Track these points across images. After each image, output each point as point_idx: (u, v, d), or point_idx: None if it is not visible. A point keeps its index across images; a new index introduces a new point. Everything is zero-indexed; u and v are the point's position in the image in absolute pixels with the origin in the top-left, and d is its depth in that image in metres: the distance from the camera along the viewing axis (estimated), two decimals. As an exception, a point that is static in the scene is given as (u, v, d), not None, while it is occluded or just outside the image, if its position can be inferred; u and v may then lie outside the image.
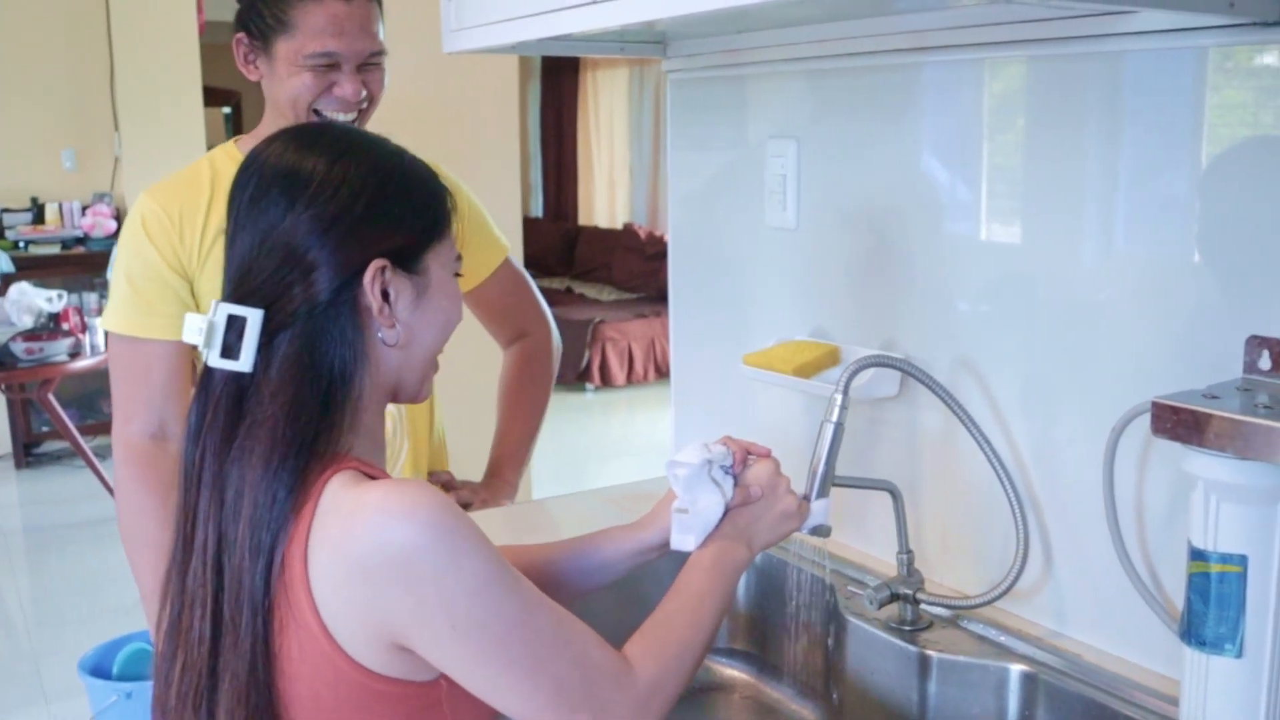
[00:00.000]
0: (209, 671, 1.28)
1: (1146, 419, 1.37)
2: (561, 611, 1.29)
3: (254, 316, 1.28)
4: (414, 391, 1.42)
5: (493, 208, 2.62)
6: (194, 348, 2.10)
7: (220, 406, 1.30)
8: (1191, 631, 1.36)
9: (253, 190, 1.32)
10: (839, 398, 1.71)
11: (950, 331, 1.88)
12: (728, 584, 1.49)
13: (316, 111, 2.10)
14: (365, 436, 1.35)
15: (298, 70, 2.07)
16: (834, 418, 1.70)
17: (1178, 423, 1.33)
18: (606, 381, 10.11)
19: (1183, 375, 1.52)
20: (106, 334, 2.16)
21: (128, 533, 2.12)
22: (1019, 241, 1.76)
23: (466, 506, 2.50)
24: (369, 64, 2.11)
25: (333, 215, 1.30)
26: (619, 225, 12.36)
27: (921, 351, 1.91)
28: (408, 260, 1.35)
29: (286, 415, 1.26)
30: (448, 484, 2.53)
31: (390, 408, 2.09)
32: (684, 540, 1.54)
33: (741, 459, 1.58)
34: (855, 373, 1.72)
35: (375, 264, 1.31)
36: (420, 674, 1.26)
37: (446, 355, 1.45)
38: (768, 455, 1.61)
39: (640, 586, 1.85)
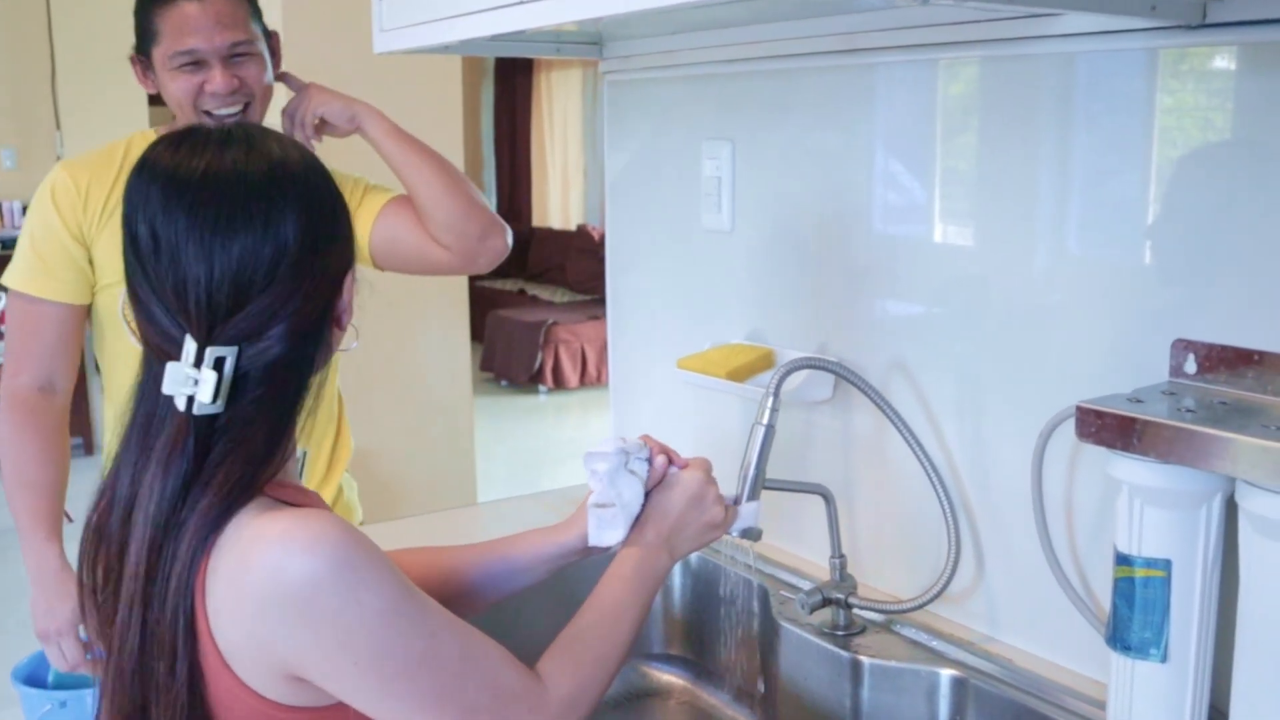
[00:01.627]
0: (140, 706, 1.24)
1: (1073, 423, 1.37)
2: (471, 635, 1.25)
3: (231, 355, 1.20)
4: None
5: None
6: (87, 310, 2.24)
7: (180, 447, 1.21)
8: (1117, 636, 1.36)
9: (209, 212, 1.19)
10: (770, 400, 1.70)
11: (887, 335, 1.87)
12: (647, 593, 1.47)
13: (207, 113, 2.16)
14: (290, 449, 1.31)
15: (172, 74, 2.14)
16: (764, 420, 1.69)
17: (1102, 427, 1.33)
18: (559, 384, 10.11)
19: (1113, 379, 1.52)
20: (5, 291, 2.27)
21: (8, 474, 2.23)
22: (971, 244, 1.76)
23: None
24: (238, 55, 2.15)
25: (316, 235, 1.23)
26: (573, 227, 12.35)
27: (857, 355, 1.90)
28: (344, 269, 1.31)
29: (249, 456, 1.21)
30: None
31: None
32: (607, 535, 1.52)
33: (659, 450, 1.55)
34: (786, 375, 1.71)
35: (350, 277, 1.29)
36: (321, 699, 1.23)
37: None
38: (686, 465, 1.57)
39: (571, 588, 1.83)
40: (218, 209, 1.19)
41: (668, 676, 2.17)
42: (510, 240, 2.32)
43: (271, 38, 2.26)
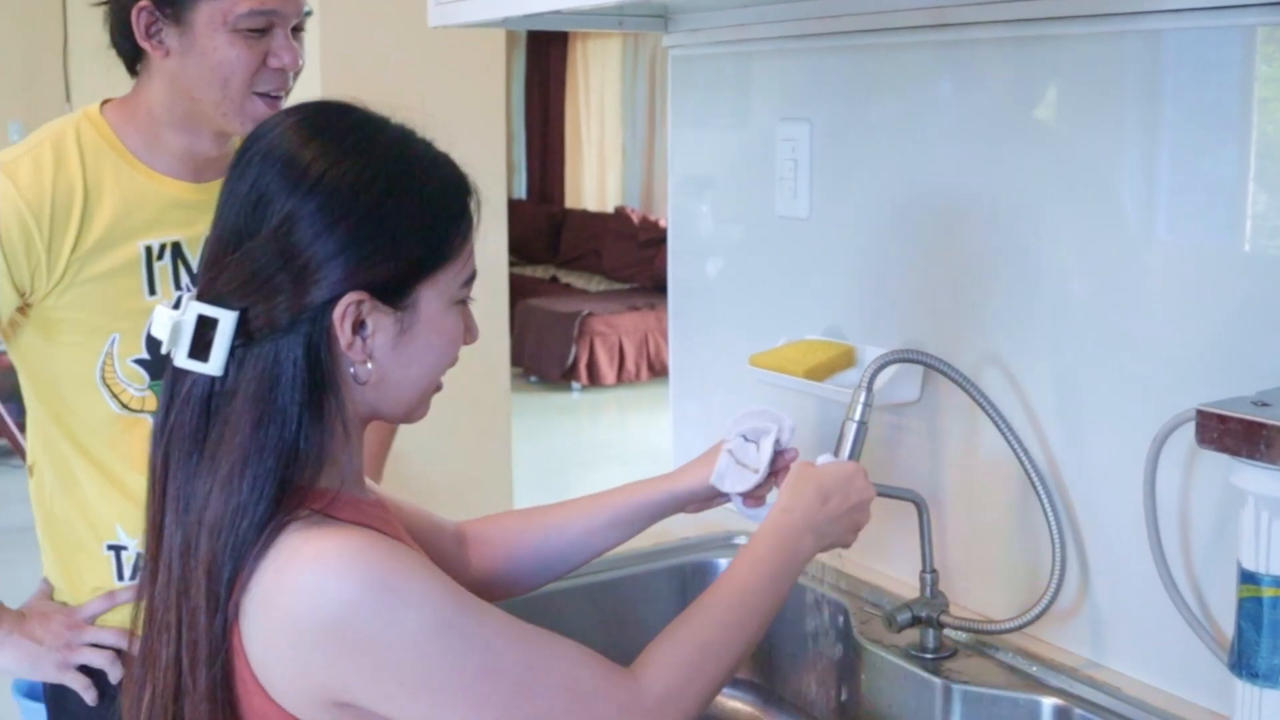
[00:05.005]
0: (174, 704, 1.27)
1: (1191, 428, 1.36)
2: (537, 639, 1.26)
3: (227, 319, 1.24)
4: (401, 417, 1.39)
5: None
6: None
7: (188, 408, 1.27)
8: (1243, 662, 1.35)
9: (254, 177, 1.27)
10: (862, 394, 1.70)
11: (976, 330, 1.88)
12: (783, 579, 1.44)
13: (261, 95, 1.91)
14: (348, 466, 1.33)
15: (232, 37, 1.85)
16: (857, 416, 1.70)
17: (1225, 432, 1.32)
18: (595, 380, 10.06)
19: (1231, 379, 1.52)
20: None
21: None
22: (1061, 230, 1.76)
23: None
24: (298, 29, 1.94)
25: (330, 223, 1.25)
26: (610, 209, 12.30)
27: (945, 352, 1.90)
28: (393, 293, 1.29)
29: (253, 433, 1.23)
30: None
31: None
32: (736, 481, 1.55)
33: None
34: (880, 368, 1.72)
35: (350, 298, 1.25)
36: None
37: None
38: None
39: (615, 601, 1.85)
40: (259, 170, 1.28)
41: (733, 703, 2.17)
42: None
43: None
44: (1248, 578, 1.34)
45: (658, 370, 10.04)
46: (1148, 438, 1.58)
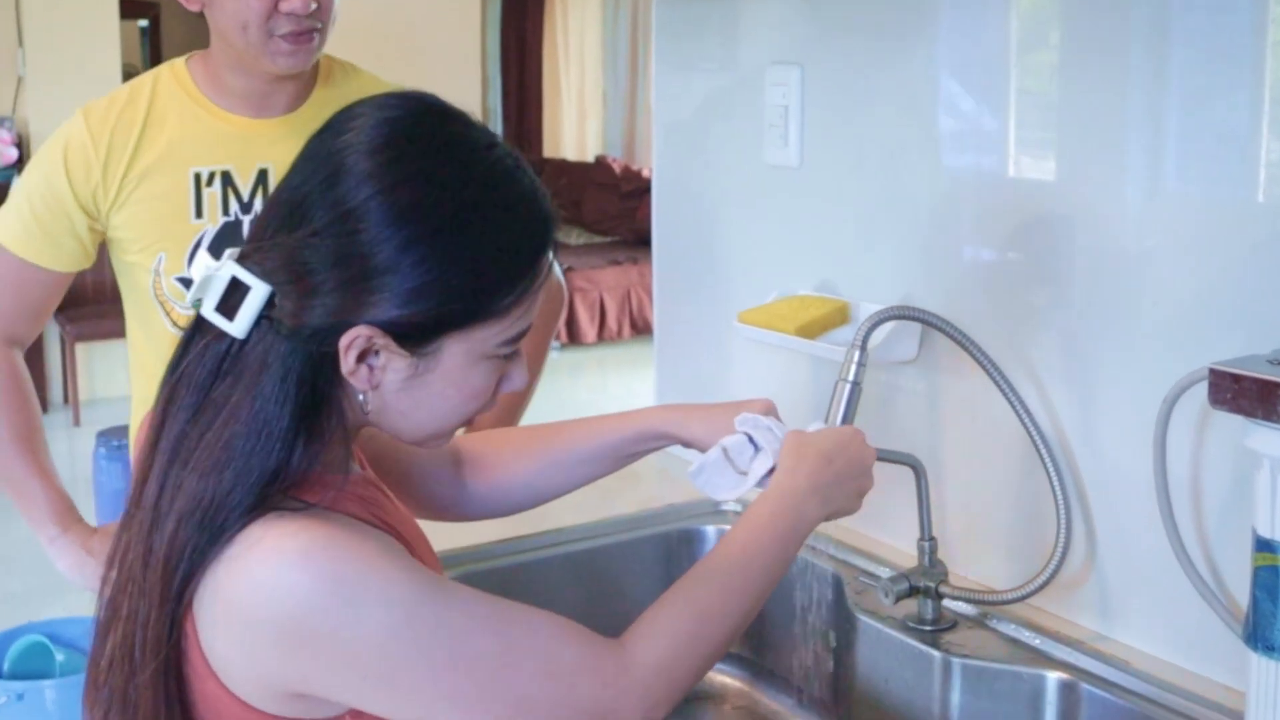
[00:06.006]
0: (128, 663, 1.25)
1: (1204, 387, 1.36)
2: (513, 618, 1.24)
3: (259, 290, 1.21)
4: (407, 443, 1.38)
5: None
6: (70, 276, 2.23)
7: (202, 359, 1.25)
8: (1257, 635, 1.35)
9: (330, 152, 1.24)
10: (856, 354, 1.69)
11: (976, 285, 1.86)
12: (788, 545, 1.40)
13: (279, 36, 2.05)
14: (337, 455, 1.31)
15: None
16: (850, 376, 1.69)
17: (1239, 393, 1.32)
18: (574, 339, 10.07)
19: (1245, 337, 1.51)
20: None
21: None
22: (1052, 179, 1.75)
23: None
24: None
25: (395, 246, 1.20)
26: (590, 158, 12.30)
27: (944, 308, 1.88)
28: (415, 338, 1.23)
29: (252, 409, 1.21)
30: None
31: None
32: (717, 488, 1.52)
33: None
34: (874, 326, 1.71)
35: (358, 332, 1.21)
36: (327, 710, 1.23)
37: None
38: None
39: (612, 577, 1.84)
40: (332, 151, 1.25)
41: (722, 677, 2.17)
42: None
43: None
44: (1263, 545, 1.34)
45: (641, 328, 10.05)
46: (1157, 399, 1.57)
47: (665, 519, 2.19)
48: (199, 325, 1.26)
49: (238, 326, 1.22)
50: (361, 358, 1.22)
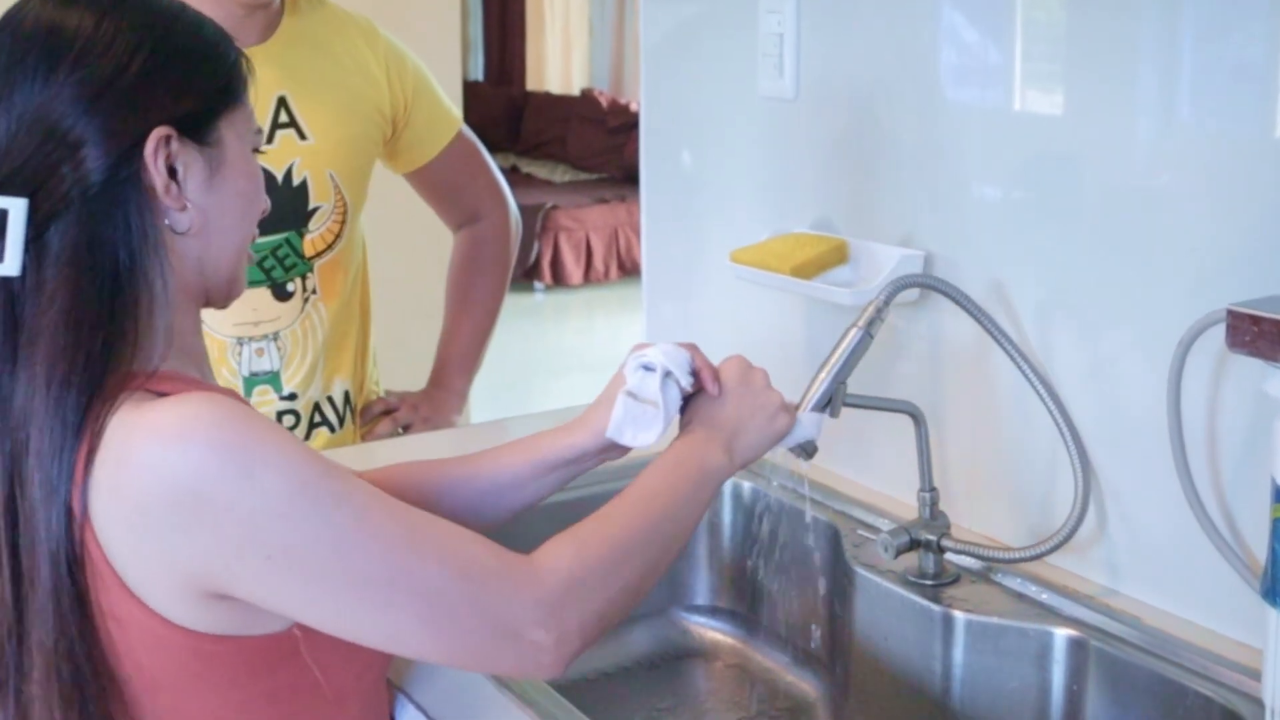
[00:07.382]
0: (16, 642, 1.25)
1: (1220, 330, 1.36)
2: (419, 514, 1.27)
3: (16, 208, 1.23)
4: (224, 290, 1.41)
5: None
6: None
7: None
8: (1276, 589, 1.34)
9: (6, 57, 1.28)
10: (873, 309, 1.71)
11: (982, 223, 1.86)
12: (693, 488, 1.45)
13: None
14: (176, 347, 1.33)
15: None
16: (863, 323, 1.70)
17: (1259, 335, 1.31)
18: (559, 280, 10.07)
19: (1264, 278, 1.50)
20: None
21: None
22: (1060, 113, 1.75)
23: (406, 428, 2.54)
24: None
25: (103, 79, 1.27)
26: (575, 91, 12.30)
27: (945, 247, 1.89)
28: (197, 128, 1.33)
29: (66, 322, 1.23)
30: (387, 409, 2.54)
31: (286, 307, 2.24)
32: (638, 433, 1.51)
33: (704, 369, 1.55)
34: (897, 291, 1.72)
35: (158, 133, 1.28)
36: (260, 625, 1.25)
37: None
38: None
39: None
40: (12, 50, 1.29)
41: (713, 633, 2.18)
42: None
43: None
44: (1283, 497, 1.33)
45: (629, 269, 10.06)
46: (1172, 342, 1.56)
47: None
48: None
49: (10, 263, 1.24)
50: (169, 173, 1.29)
